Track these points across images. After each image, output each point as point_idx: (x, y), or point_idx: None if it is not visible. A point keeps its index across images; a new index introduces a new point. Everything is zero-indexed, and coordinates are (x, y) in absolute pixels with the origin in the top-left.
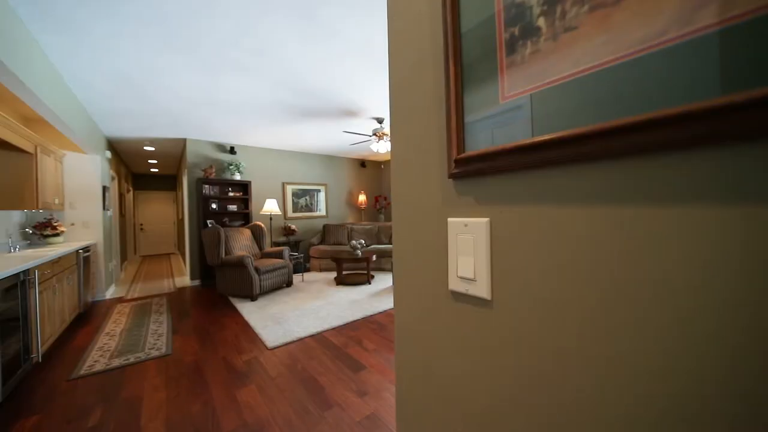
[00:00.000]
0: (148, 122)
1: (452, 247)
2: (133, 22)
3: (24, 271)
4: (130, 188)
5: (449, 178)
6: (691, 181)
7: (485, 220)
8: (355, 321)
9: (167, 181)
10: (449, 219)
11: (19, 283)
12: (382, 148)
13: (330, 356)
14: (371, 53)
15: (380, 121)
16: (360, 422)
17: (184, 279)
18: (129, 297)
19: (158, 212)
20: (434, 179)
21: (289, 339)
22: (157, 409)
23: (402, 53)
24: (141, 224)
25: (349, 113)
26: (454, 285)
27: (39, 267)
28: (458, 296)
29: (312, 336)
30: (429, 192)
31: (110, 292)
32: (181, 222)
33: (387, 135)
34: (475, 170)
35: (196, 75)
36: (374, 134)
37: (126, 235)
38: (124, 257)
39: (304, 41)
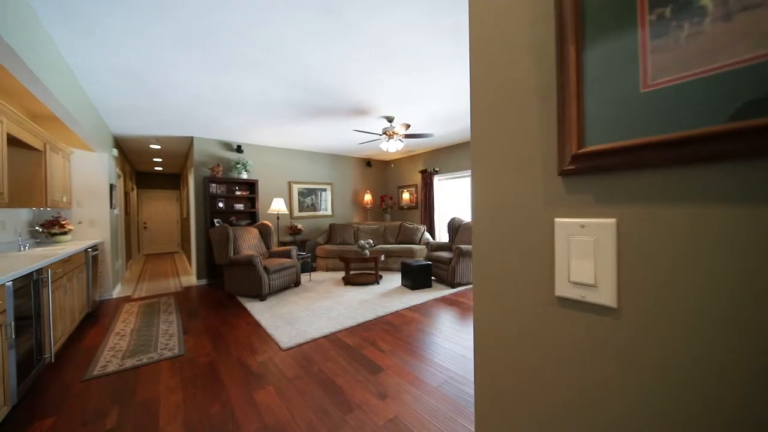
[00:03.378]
0: (155, 120)
1: (561, 250)
2: (146, 16)
3: (37, 270)
4: (134, 186)
5: (559, 175)
6: None
7: (611, 221)
8: (367, 322)
9: (171, 180)
10: (556, 220)
11: (32, 282)
12: (392, 147)
13: (346, 357)
14: (389, 50)
15: (390, 120)
16: (384, 426)
17: (190, 278)
18: (136, 296)
19: (161, 211)
20: (534, 177)
21: (302, 340)
22: (174, 411)
23: (491, 27)
24: (144, 223)
25: (360, 112)
26: (564, 291)
27: (51, 266)
28: (569, 303)
29: (325, 337)
30: (527, 191)
31: (116, 291)
32: (185, 221)
33: (397, 134)
34: (597, 166)
35: (208, 72)
36: (384, 133)
37: (130, 233)
38: (128, 256)
39: (322, 38)
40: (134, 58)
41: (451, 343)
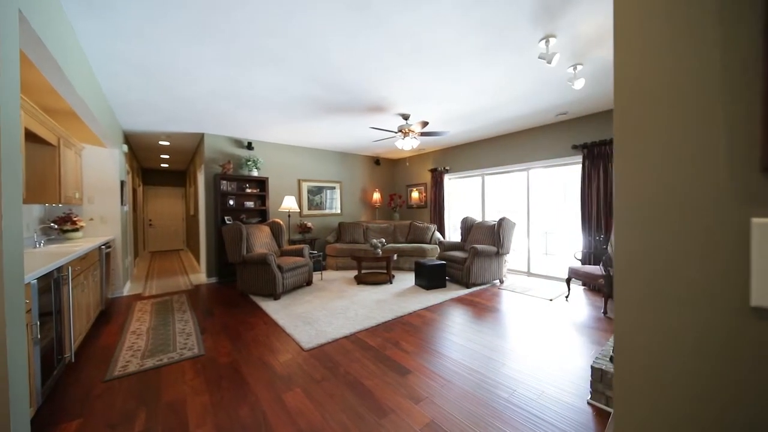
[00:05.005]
0: (168, 116)
1: (761, 254)
2: (167, 5)
3: (57, 267)
4: (140, 183)
5: (763, 171)
6: None
7: None
8: (386, 322)
9: (176, 177)
10: (754, 220)
11: (53, 280)
12: (407, 145)
13: (370, 358)
14: (413, 45)
15: (406, 117)
16: (421, 430)
17: (199, 276)
18: (147, 294)
19: (167, 208)
20: (718, 171)
21: (323, 340)
22: (203, 414)
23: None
24: (150, 220)
25: (376, 109)
26: (766, 300)
27: (70, 263)
28: None
29: (346, 337)
30: (708, 188)
31: (127, 289)
32: (191, 218)
33: (413, 132)
34: None
35: (227, 67)
36: (400, 131)
37: (137, 230)
38: (135, 253)
39: (348, 32)
40: (151, 50)
41: (475, 344)
